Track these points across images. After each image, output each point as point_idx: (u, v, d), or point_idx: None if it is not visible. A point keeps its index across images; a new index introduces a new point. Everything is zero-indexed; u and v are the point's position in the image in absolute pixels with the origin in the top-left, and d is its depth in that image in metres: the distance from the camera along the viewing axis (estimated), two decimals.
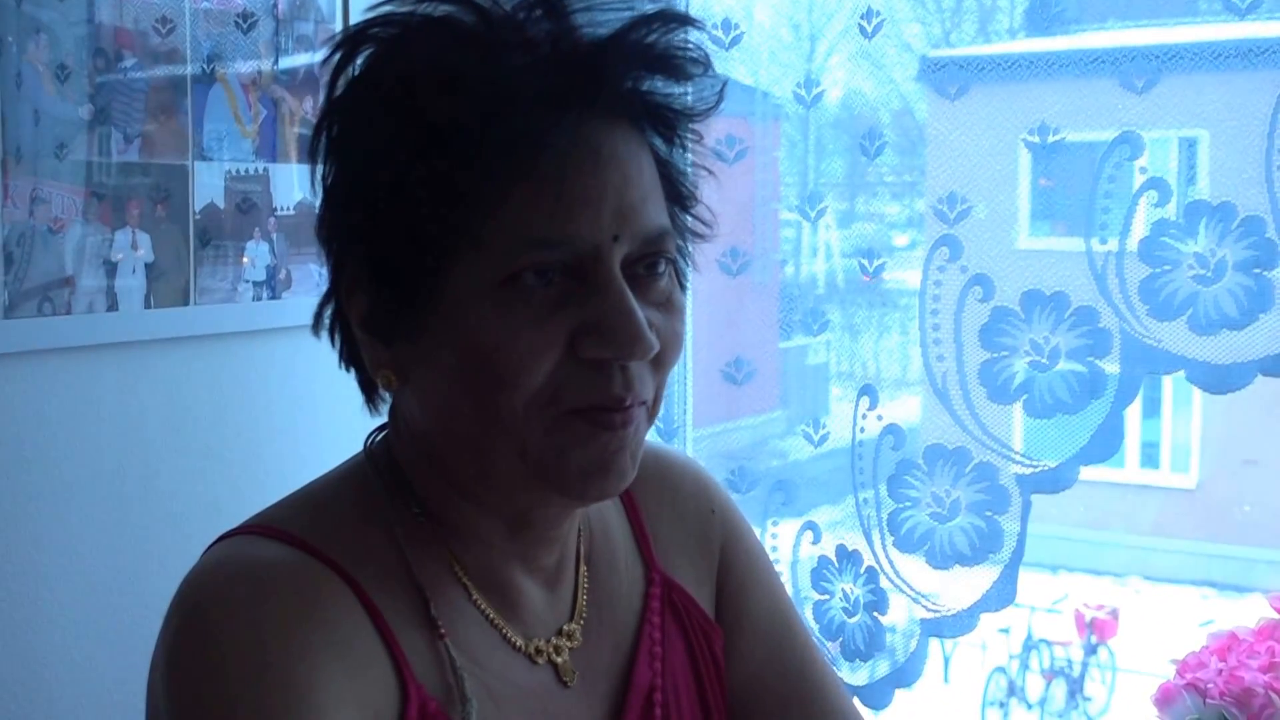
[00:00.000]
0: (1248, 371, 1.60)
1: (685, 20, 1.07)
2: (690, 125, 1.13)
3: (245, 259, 1.94)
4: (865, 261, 1.85)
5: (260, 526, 1.09)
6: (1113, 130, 1.64)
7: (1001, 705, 6.79)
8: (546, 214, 1.00)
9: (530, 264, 1.00)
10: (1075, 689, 6.92)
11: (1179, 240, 1.61)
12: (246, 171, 1.93)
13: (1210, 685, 1.55)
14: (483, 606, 1.12)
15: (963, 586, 1.78)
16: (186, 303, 1.87)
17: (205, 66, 1.88)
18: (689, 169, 1.16)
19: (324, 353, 1.17)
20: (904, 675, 1.84)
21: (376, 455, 1.16)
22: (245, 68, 1.93)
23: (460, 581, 1.11)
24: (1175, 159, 1.68)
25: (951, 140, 1.78)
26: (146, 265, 1.82)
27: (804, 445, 1.94)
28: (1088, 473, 1.68)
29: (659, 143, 1.11)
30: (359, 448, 1.18)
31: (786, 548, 1.97)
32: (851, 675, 1.89)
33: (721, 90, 1.13)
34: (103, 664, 1.79)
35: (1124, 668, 6.94)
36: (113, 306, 1.79)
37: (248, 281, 1.94)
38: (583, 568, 1.22)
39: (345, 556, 1.06)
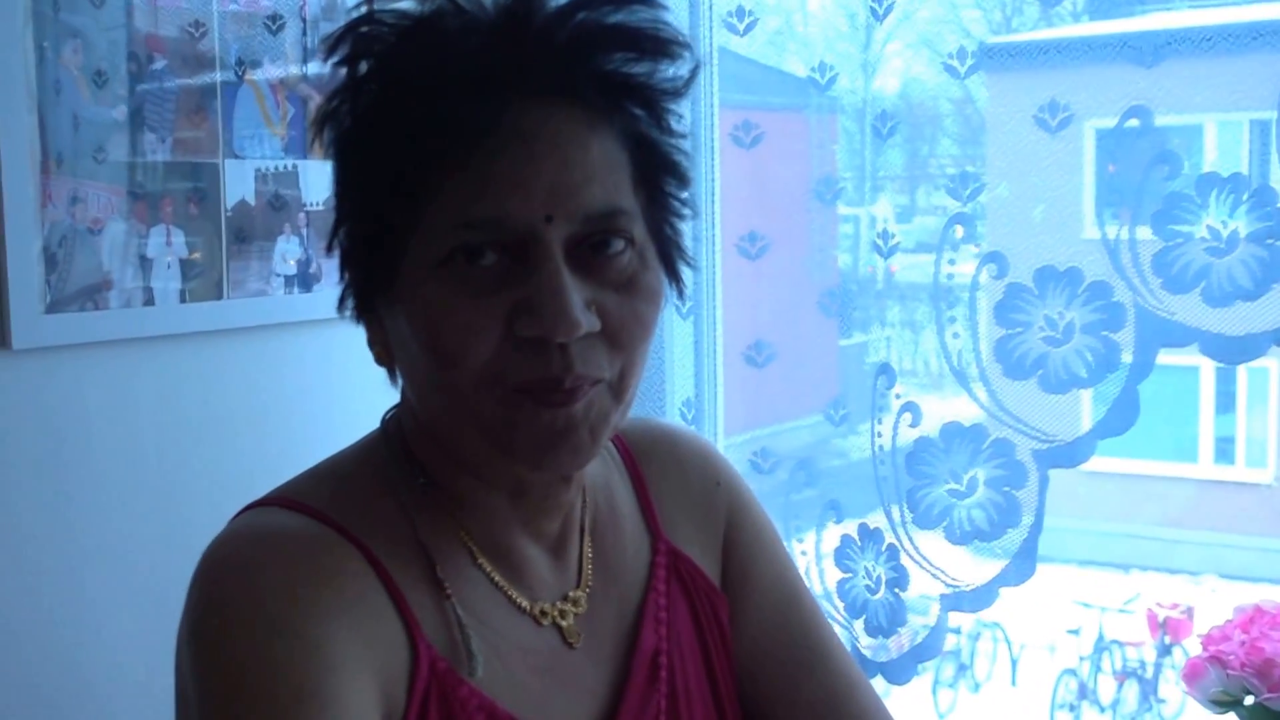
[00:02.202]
0: (1262, 342, 1.60)
1: None
2: (667, 103, 1.12)
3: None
4: (884, 241, 1.88)
5: (279, 498, 1.14)
6: (1122, 107, 1.65)
7: (1072, 708, 6.71)
8: (476, 197, 1.03)
9: (462, 244, 1.03)
10: (1148, 691, 6.82)
11: (1191, 213, 1.61)
12: (276, 169, 1.99)
13: (1232, 657, 1.55)
14: (488, 570, 1.15)
15: (982, 562, 1.79)
16: (220, 297, 1.93)
17: (235, 68, 1.94)
18: (681, 147, 1.15)
19: (355, 342, 1.20)
20: (925, 650, 1.86)
21: (389, 429, 1.20)
22: (274, 68, 1.99)
23: (466, 546, 1.15)
24: (1186, 134, 1.68)
25: (971, 122, 1.81)
26: (181, 261, 1.88)
27: (830, 428, 1.97)
28: (1161, 469, 1.70)
29: (641, 122, 1.11)
30: None
31: (811, 529, 1.99)
32: (875, 651, 1.91)
33: (695, 71, 1.13)
34: (143, 650, 1.84)
35: None
36: (149, 302, 1.85)
37: (279, 275, 2.00)
38: (586, 538, 1.25)
39: (358, 525, 1.10)
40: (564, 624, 1.19)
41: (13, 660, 1.76)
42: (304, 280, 2.02)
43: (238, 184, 1.95)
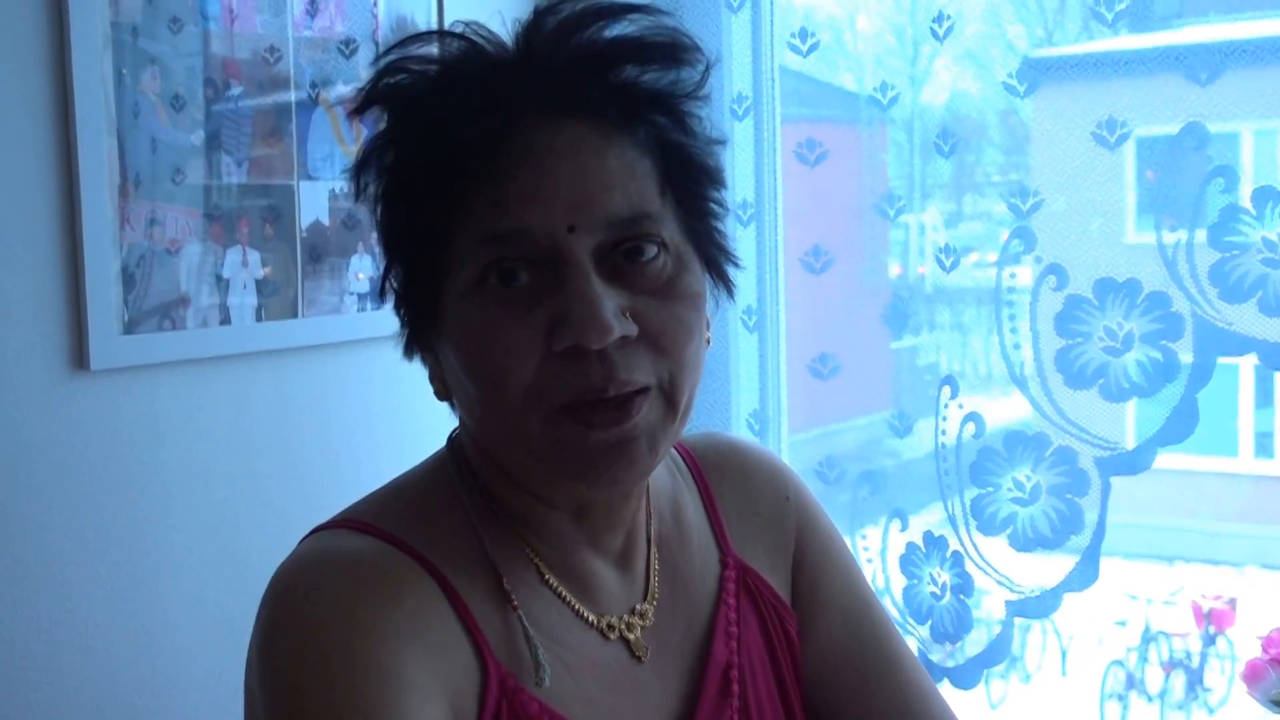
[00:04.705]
0: None
1: (626, 9, 1.09)
2: (685, 106, 1.12)
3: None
4: (946, 255, 1.91)
5: (348, 520, 1.15)
6: (1179, 122, 1.67)
7: (1120, 698, 6.70)
8: (497, 213, 1.04)
9: (488, 260, 1.04)
10: (1194, 680, 6.80)
11: (1248, 225, 1.63)
12: (350, 189, 2.01)
13: None
14: (554, 585, 1.16)
15: (1046, 568, 1.81)
16: (295, 315, 1.97)
17: (309, 91, 1.98)
18: (709, 148, 1.15)
19: None
20: (991, 656, 1.88)
21: (455, 450, 1.21)
22: (347, 91, 2.03)
23: (533, 563, 1.15)
24: (1241, 148, 1.70)
25: (1031, 136, 1.83)
26: (256, 281, 1.92)
27: (894, 438, 1.99)
28: (1202, 464, 1.71)
29: (663, 127, 1.11)
30: None
31: (876, 536, 2.02)
32: (941, 657, 1.93)
33: (706, 72, 1.12)
34: (216, 663, 1.89)
35: (1243, 657, 6.81)
36: (225, 321, 1.89)
37: (353, 293, 2.04)
38: (653, 550, 1.25)
39: (425, 545, 1.11)
40: (631, 637, 1.19)
41: (94, 664, 1.81)
42: (376, 297, 2.04)
43: (312, 204, 1.99)
